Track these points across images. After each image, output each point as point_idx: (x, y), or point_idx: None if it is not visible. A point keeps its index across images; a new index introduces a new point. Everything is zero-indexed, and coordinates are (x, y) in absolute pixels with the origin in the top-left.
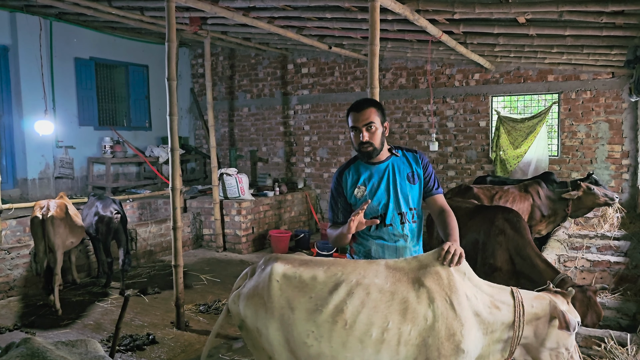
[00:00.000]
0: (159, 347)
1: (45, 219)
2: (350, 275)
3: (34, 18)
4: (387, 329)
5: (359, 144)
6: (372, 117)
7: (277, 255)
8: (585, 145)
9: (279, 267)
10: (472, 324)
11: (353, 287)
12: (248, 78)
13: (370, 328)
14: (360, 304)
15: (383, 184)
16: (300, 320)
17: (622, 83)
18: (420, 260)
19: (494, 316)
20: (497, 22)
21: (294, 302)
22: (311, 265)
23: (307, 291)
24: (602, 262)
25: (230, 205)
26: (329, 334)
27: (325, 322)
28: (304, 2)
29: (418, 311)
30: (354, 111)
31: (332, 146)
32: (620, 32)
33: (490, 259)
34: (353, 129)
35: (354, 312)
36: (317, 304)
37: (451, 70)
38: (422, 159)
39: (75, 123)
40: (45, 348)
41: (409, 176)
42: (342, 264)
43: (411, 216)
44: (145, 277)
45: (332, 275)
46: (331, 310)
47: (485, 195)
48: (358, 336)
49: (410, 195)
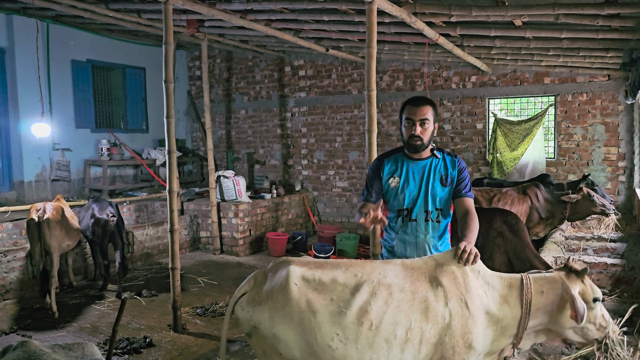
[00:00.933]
0: (156, 350)
1: (41, 221)
2: (371, 275)
3: (30, 20)
4: (410, 328)
5: (409, 136)
6: (428, 115)
7: (290, 259)
8: (581, 147)
9: (296, 270)
10: (483, 322)
11: (375, 288)
12: (245, 80)
13: (396, 328)
14: (385, 304)
15: (417, 180)
16: (324, 324)
17: (618, 85)
18: (437, 259)
19: (504, 312)
20: (494, 25)
21: (314, 305)
22: (328, 268)
23: (328, 293)
24: (599, 264)
25: (227, 207)
26: (355, 335)
27: (350, 324)
28: (301, 4)
29: (437, 310)
30: (412, 105)
31: (329, 148)
32: (616, 34)
33: (488, 261)
34: (408, 121)
35: (379, 313)
36: (340, 306)
37: (448, 72)
38: (459, 164)
39: (72, 125)
40: (42, 351)
41: (442, 178)
42: (360, 264)
43: (436, 215)
44: (142, 280)
45: (352, 276)
46: (356, 312)
47: (484, 198)
48: (384, 336)
49: (439, 196)
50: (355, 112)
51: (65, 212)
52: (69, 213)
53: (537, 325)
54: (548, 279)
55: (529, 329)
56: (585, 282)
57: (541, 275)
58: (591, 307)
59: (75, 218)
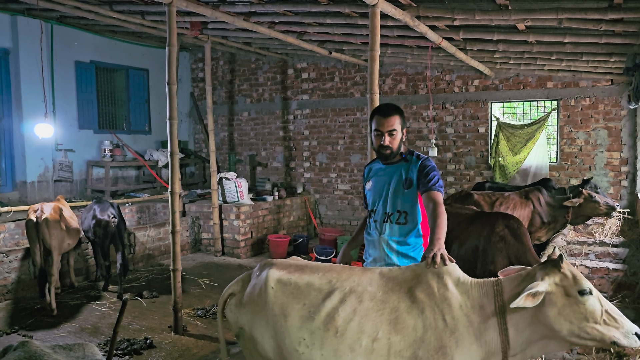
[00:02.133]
0: (156, 351)
1: (40, 221)
2: (345, 282)
3: (35, 21)
4: (377, 338)
5: (379, 146)
6: (396, 125)
7: (273, 261)
8: (584, 152)
9: (274, 273)
10: (465, 336)
11: (346, 295)
12: (248, 82)
13: (361, 336)
14: (352, 311)
15: (382, 183)
16: (293, 328)
17: (621, 90)
18: (414, 270)
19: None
20: (497, 29)
21: (287, 309)
22: (307, 272)
23: (302, 298)
24: (601, 269)
25: (229, 209)
26: (321, 341)
27: (317, 330)
28: (304, 7)
29: (408, 322)
30: (381, 115)
31: (332, 151)
32: (619, 39)
33: (490, 265)
34: (376, 132)
35: (346, 320)
36: (311, 311)
37: (451, 76)
38: (421, 163)
39: (75, 126)
40: (43, 352)
41: (404, 181)
42: (338, 270)
43: (396, 217)
44: (143, 281)
45: (327, 282)
46: (323, 318)
47: (486, 202)
48: (349, 344)
49: (400, 199)
50: (358, 115)
51: (64, 212)
52: (68, 213)
53: (531, 334)
54: (523, 276)
55: (522, 341)
56: (565, 272)
57: (516, 275)
58: (579, 301)
59: (75, 218)
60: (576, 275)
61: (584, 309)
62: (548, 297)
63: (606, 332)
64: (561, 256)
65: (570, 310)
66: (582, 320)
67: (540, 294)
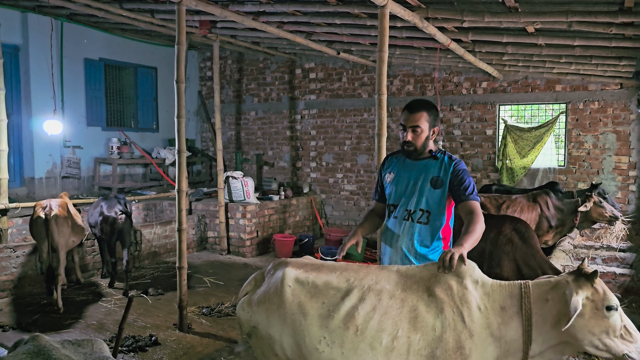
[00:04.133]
0: (161, 348)
1: (49, 218)
2: (363, 280)
3: (45, 18)
4: (397, 336)
5: (402, 142)
6: (421, 121)
7: (288, 260)
8: (592, 155)
9: (290, 272)
10: (483, 337)
11: (365, 293)
12: (256, 82)
13: (381, 334)
14: (372, 309)
15: (407, 178)
16: (313, 326)
17: (630, 94)
18: (431, 269)
19: (505, 326)
20: (506, 31)
21: (306, 308)
22: (324, 271)
23: (320, 297)
24: (608, 273)
25: (235, 208)
26: (341, 339)
27: (337, 328)
28: (313, 7)
29: (427, 321)
30: (407, 111)
31: (338, 151)
32: (629, 43)
33: (496, 268)
34: (401, 126)
35: (366, 318)
36: (330, 310)
37: (459, 78)
38: (455, 166)
39: (83, 123)
40: (52, 346)
41: (434, 180)
42: (355, 269)
43: (419, 216)
44: (149, 278)
45: (345, 280)
46: (343, 316)
47: (492, 205)
48: (369, 342)
49: (426, 197)
50: (365, 116)
51: (70, 209)
52: (73, 210)
53: (550, 339)
54: (553, 284)
55: (542, 345)
56: (597, 287)
57: (545, 281)
58: (604, 316)
59: (79, 215)
60: (606, 291)
61: (607, 323)
62: None
63: (621, 346)
64: (596, 272)
65: (595, 323)
66: (604, 333)
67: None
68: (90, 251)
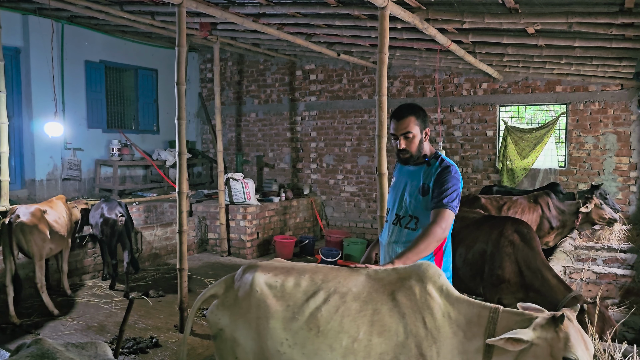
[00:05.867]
0: (162, 350)
1: (14, 225)
2: (330, 282)
3: (46, 21)
4: (357, 339)
5: (397, 150)
6: (411, 127)
7: (258, 263)
8: (592, 156)
9: (260, 276)
10: (447, 346)
11: (330, 295)
12: (256, 84)
13: (342, 336)
14: (335, 310)
15: (400, 184)
16: (276, 329)
17: (630, 95)
18: (399, 272)
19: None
20: (506, 32)
21: (271, 311)
22: (293, 273)
23: (287, 299)
24: (608, 274)
25: (235, 210)
26: (303, 341)
27: (300, 329)
28: (313, 9)
29: (389, 325)
30: (395, 119)
31: (339, 153)
32: (629, 44)
33: (497, 270)
34: (392, 136)
35: (327, 319)
36: (294, 312)
37: (459, 79)
38: (439, 172)
39: (84, 125)
40: (55, 349)
41: (422, 187)
42: (325, 271)
43: (407, 221)
44: (149, 280)
45: (312, 283)
46: (306, 317)
47: (493, 206)
48: (329, 343)
49: (414, 204)
50: (365, 117)
51: (49, 215)
52: (54, 216)
53: None
54: (521, 317)
55: None
56: (559, 333)
57: (516, 312)
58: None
59: (64, 222)
60: (569, 341)
61: None
62: (534, 347)
63: None
64: (562, 316)
65: None
66: None
67: (522, 342)
68: (91, 253)
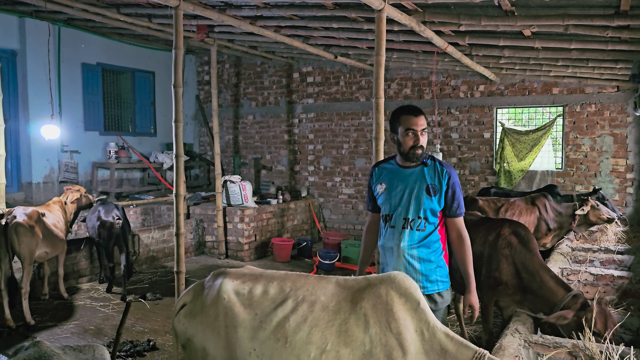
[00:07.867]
0: (159, 353)
1: (9, 226)
2: (299, 290)
3: (42, 23)
4: (325, 350)
5: (412, 146)
6: (425, 123)
7: (227, 270)
8: (589, 158)
9: (228, 283)
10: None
11: (299, 303)
12: (253, 86)
13: (309, 347)
14: (303, 321)
15: (401, 187)
16: (244, 339)
17: (627, 97)
18: (369, 280)
19: None
20: (503, 35)
21: (239, 319)
22: (261, 280)
23: (254, 307)
24: (606, 276)
25: (233, 212)
26: (270, 351)
27: (267, 339)
28: (310, 12)
29: (356, 335)
30: (412, 115)
31: (336, 155)
32: (625, 46)
33: (495, 272)
34: (409, 131)
35: (295, 330)
36: (262, 321)
37: (456, 81)
38: (450, 177)
39: (81, 128)
40: (53, 352)
41: (429, 188)
42: (293, 278)
43: (417, 224)
44: (146, 283)
45: (281, 290)
46: (274, 327)
47: (490, 208)
48: (297, 355)
49: (424, 206)
50: (363, 120)
51: (47, 219)
52: (53, 219)
53: None
54: None
55: None
56: None
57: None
58: None
59: (62, 225)
60: None
61: None
62: None
63: None
64: None
65: None
66: None
67: None
68: (88, 256)
